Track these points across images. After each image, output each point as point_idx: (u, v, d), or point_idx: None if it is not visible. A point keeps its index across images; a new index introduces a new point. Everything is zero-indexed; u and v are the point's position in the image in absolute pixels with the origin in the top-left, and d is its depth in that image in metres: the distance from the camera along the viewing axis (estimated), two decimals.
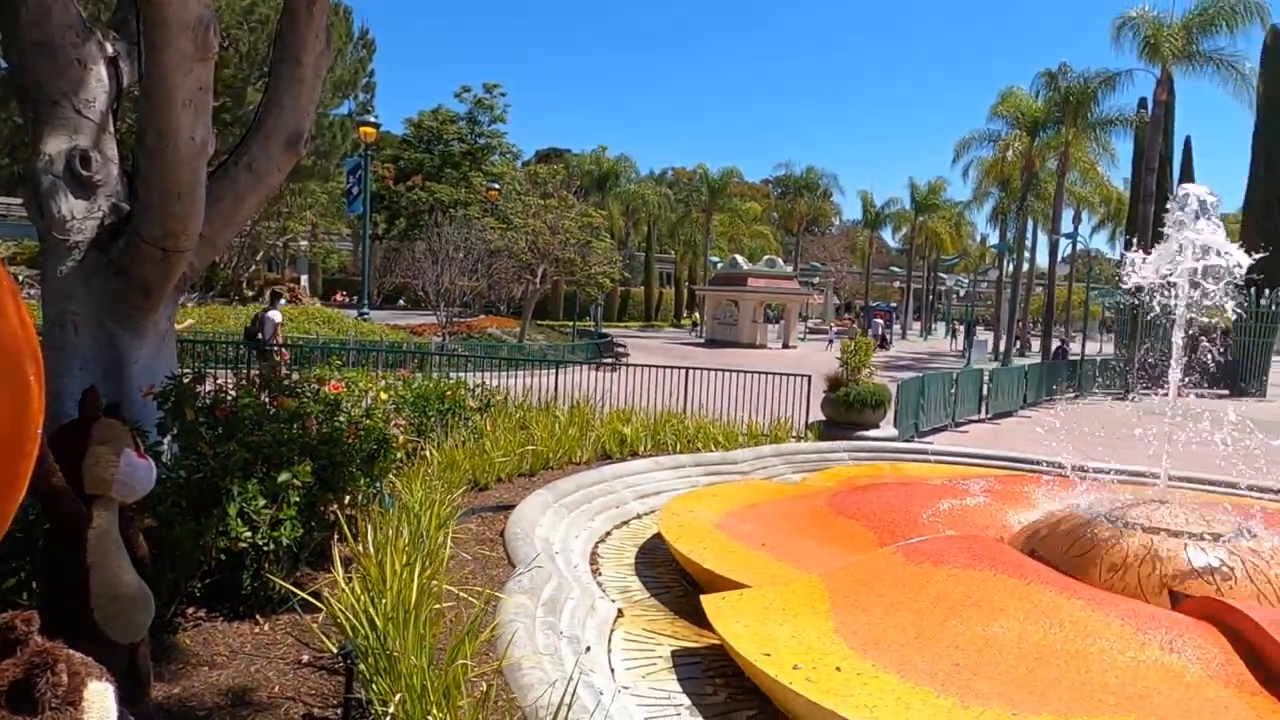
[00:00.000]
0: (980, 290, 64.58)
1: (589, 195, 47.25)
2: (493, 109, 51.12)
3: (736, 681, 4.01)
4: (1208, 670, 3.54)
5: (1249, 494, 6.44)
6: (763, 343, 39.98)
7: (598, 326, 40.81)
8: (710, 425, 10.00)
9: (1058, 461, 9.02)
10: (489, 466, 7.01)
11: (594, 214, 33.24)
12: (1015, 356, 35.41)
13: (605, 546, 6.21)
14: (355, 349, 15.57)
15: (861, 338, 12.35)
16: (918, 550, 4.65)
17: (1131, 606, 4.03)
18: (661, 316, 60.85)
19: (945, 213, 56.79)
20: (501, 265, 27.74)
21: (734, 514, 6.03)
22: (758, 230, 62.60)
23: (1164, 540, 4.67)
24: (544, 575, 4.56)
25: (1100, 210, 48.33)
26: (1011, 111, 33.64)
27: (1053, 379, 22.46)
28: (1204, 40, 25.57)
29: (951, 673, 3.56)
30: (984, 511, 6.01)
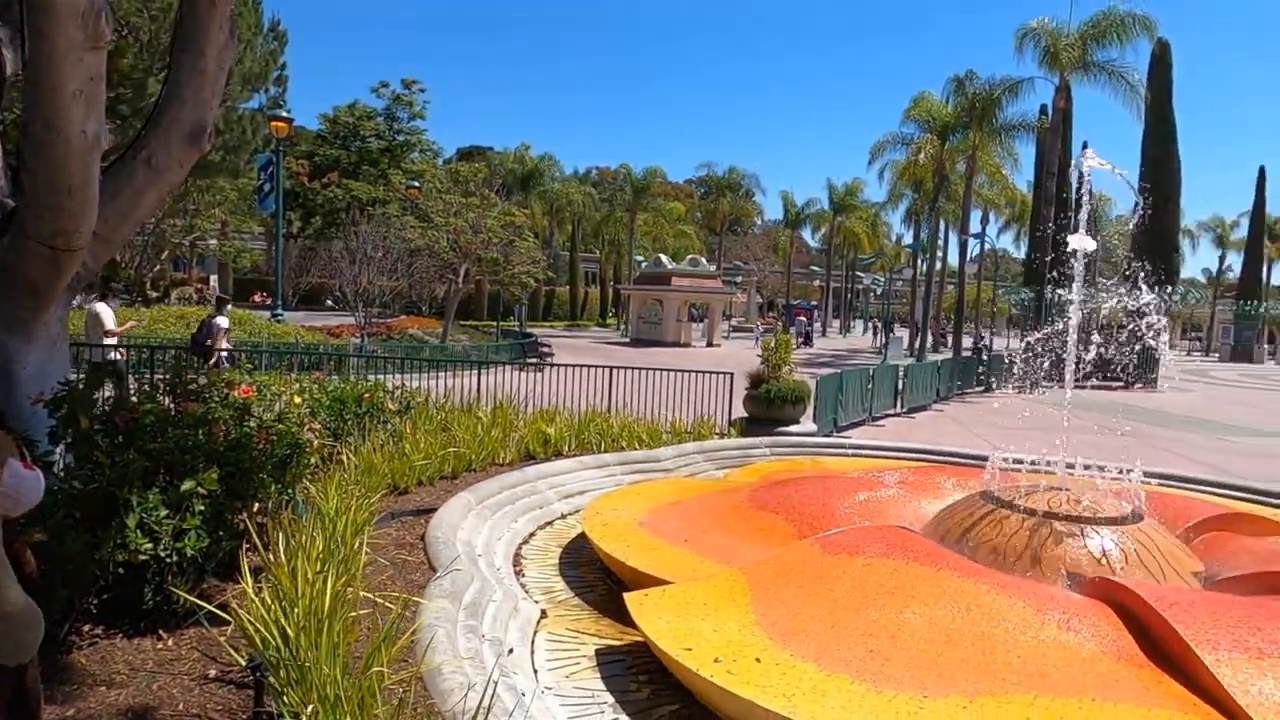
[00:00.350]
0: (896, 288, 66.73)
1: (512, 194, 46.78)
2: (412, 105, 50.02)
3: (660, 677, 4.04)
4: (1101, 646, 3.74)
5: (1139, 479, 6.83)
6: (687, 341, 40.34)
7: (522, 326, 40.45)
8: (635, 424, 10.04)
9: (966, 452, 9.40)
10: (409, 470, 6.88)
11: (517, 213, 32.94)
12: (930, 353, 36.70)
13: (529, 547, 6.16)
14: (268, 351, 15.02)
15: (782, 335, 12.60)
16: (835, 542, 4.77)
17: (1032, 589, 4.23)
18: (587, 316, 60.74)
19: (862, 213, 58.45)
20: (422, 265, 27.19)
21: (657, 511, 6.07)
22: (681, 230, 63.19)
23: (1061, 525, 4.92)
24: (466, 578, 4.50)
25: (1006, 212, 50.66)
26: (923, 116, 34.88)
27: (964, 374, 23.38)
28: (1098, 51, 27.05)
29: (866, 659, 3.67)
30: (898, 502, 6.22)
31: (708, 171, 65.66)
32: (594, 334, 48.34)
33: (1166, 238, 31.07)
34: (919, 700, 3.35)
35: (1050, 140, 29.19)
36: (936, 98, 34.68)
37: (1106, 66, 27.06)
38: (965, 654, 3.69)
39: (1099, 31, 26.69)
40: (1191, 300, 48.96)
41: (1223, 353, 55.07)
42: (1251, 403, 25.02)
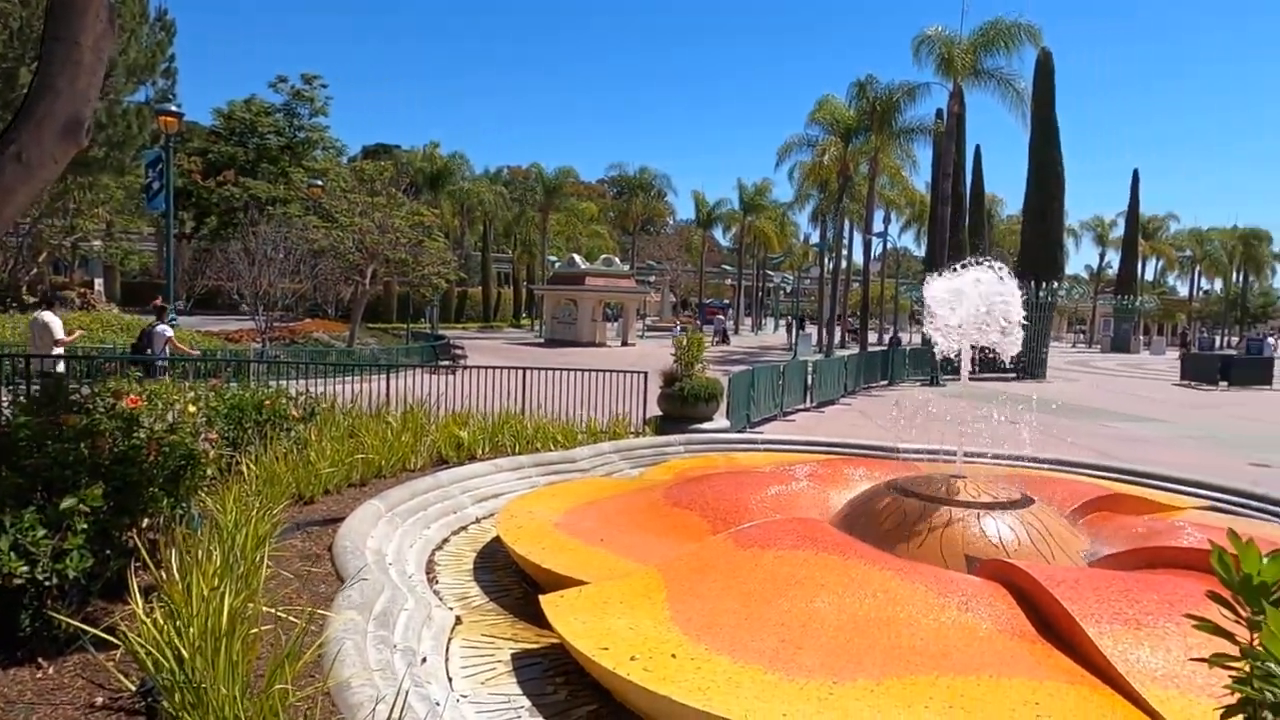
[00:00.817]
0: (805, 286, 68.45)
1: (421, 193, 45.74)
2: (313, 101, 48.33)
3: (578, 678, 4.03)
4: (997, 625, 3.94)
5: (1030, 465, 7.22)
6: (602, 341, 40.37)
7: (433, 328, 39.65)
8: (550, 425, 9.98)
9: (873, 444, 9.72)
10: (315, 478, 6.64)
11: (426, 213, 32.23)
12: (838, 349, 37.82)
13: (442, 554, 6.05)
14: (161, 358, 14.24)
15: (695, 334, 12.75)
16: (747, 535, 4.86)
17: (934, 573, 4.41)
18: (500, 317, 60.02)
19: (771, 213, 59.72)
20: (327, 266, 26.29)
21: (573, 512, 6.05)
22: (594, 230, 63.17)
23: (960, 511, 5.15)
24: (375, 588, 4.37)
25: (907, 211, 52.67)
26: (827, 118, 35.89)
27: (870, 369, 24.20)
28: (987, 59, 28.42)
29: (779, 649, 3.75)
30: (808, 495, 6.38)
31: (619, 171, 65.77)
32: (508, 335, 47.82)
33: (1052, 236, 32.87)
34: (829, 686, 3.44)
35: (946, 143, 30.50)
36: (840, 101, 35.76)
37: (996, 74, 28.47)
38: (873, 639, 3.82)
39: (988, 40, 28.04)
40: (1075, 295, 52.09)
41: (1104, 344, 58.78)
42: (1129, 391, 26.79)
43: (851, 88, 34.47)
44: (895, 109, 32.56)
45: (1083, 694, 3.44)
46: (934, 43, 28.57)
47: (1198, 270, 77.23)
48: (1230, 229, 72.51)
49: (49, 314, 11.59)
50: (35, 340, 11.40)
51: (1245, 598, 1.59)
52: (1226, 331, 73.50)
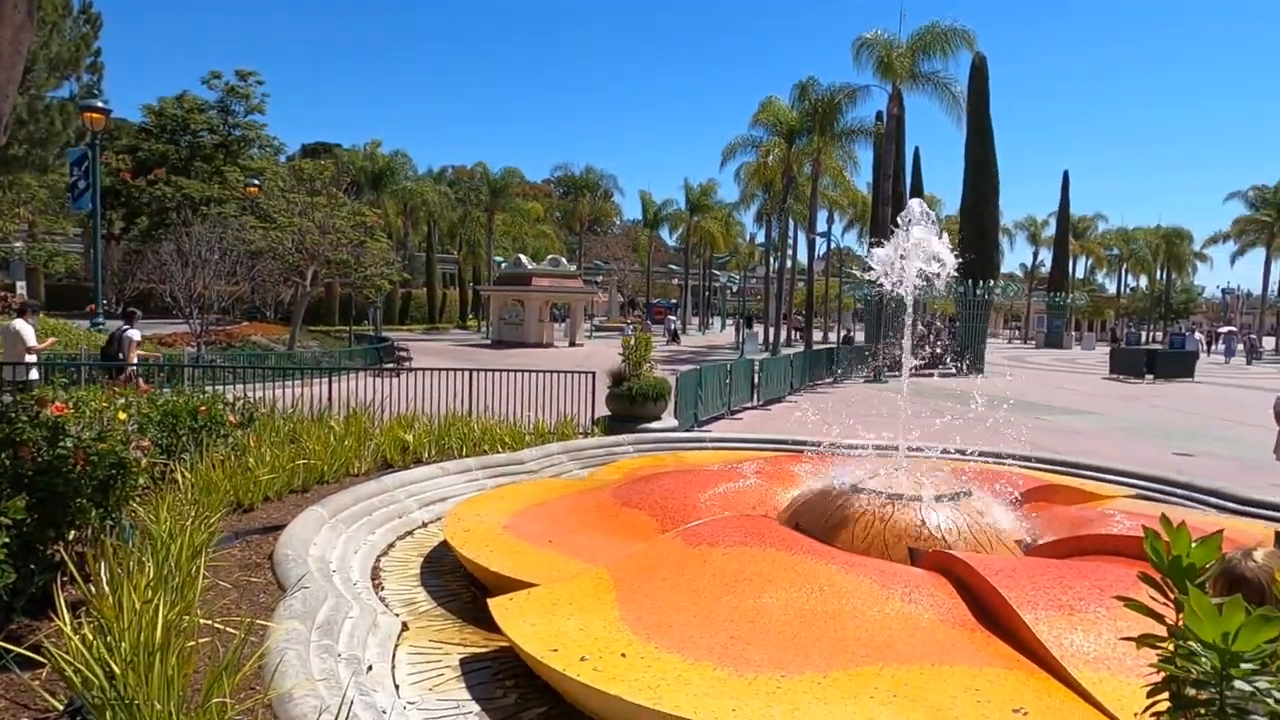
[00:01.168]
0: (751, 286, 69.13)
1: (363, 193, 44.85)
2: (248, 98, 46.87)
3: (528, 681, 4.00)
4: (938, 615, 4.03)
5: (969, 458, 7.42)
6: (550, 341, 40.17)
7: (377, 330, 38.90)
8: (497, 426, 9.89)
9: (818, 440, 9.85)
10: (254, 485, 6.46)
11: (368, 212, 31.64)
12: (784, 347, 38.30)
13: (388, 559, 5.94)
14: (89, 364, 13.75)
15: (642, 334, 12.78)
16: (696, 533, 4.89)
17: (878, 566, 4.50)
18: (446, 318, 59.27)
19: (717, 213, 60.18)
20: (265, 267, 25.59)
21: (521, 514, 6.01)
22: (541, 230, 62.82)
23: (902, 504, 5.26)
24: (319, 596, 4.27)
25: (849, 212, 53.66)
26: (771, 120, 36.32)
27: (815, 366, 24.56)
28: (925, 62, 29.12)
29: (728, 645, 3.78)
30: (756, 491, 6.44)
31: (565, 171, 65.61)
32: (454, 336, 47.24)
33: (988, 236, 33.82)
34: (777, 680, 3.48)
35: (886, 145, 31.16)
36: (783, 102, 36.22)
37: (933, 77, 29.19)
38: (819, 632, 3.88)
39: (925, 44, 28.74)
40: (1011, 292, 53.61)
41: (1038, 340, 60.77)
42: (1062, 385, 27.72)
43: (794, 89, 35.01)
44: (837, 111, 33.13)
45: (1020, 679, 3.55)
46: (873, 46, 29.16)
47: (1124, 268, 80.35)
48: (1154, 228, 75.59)
49: (21, 322, 11.46)
50: (8, 349, 11.27)
51: (1174, 580, 1.66)
52: (1151, 327, 76.60)
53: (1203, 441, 15.41)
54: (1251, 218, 62.96)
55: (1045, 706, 3.33)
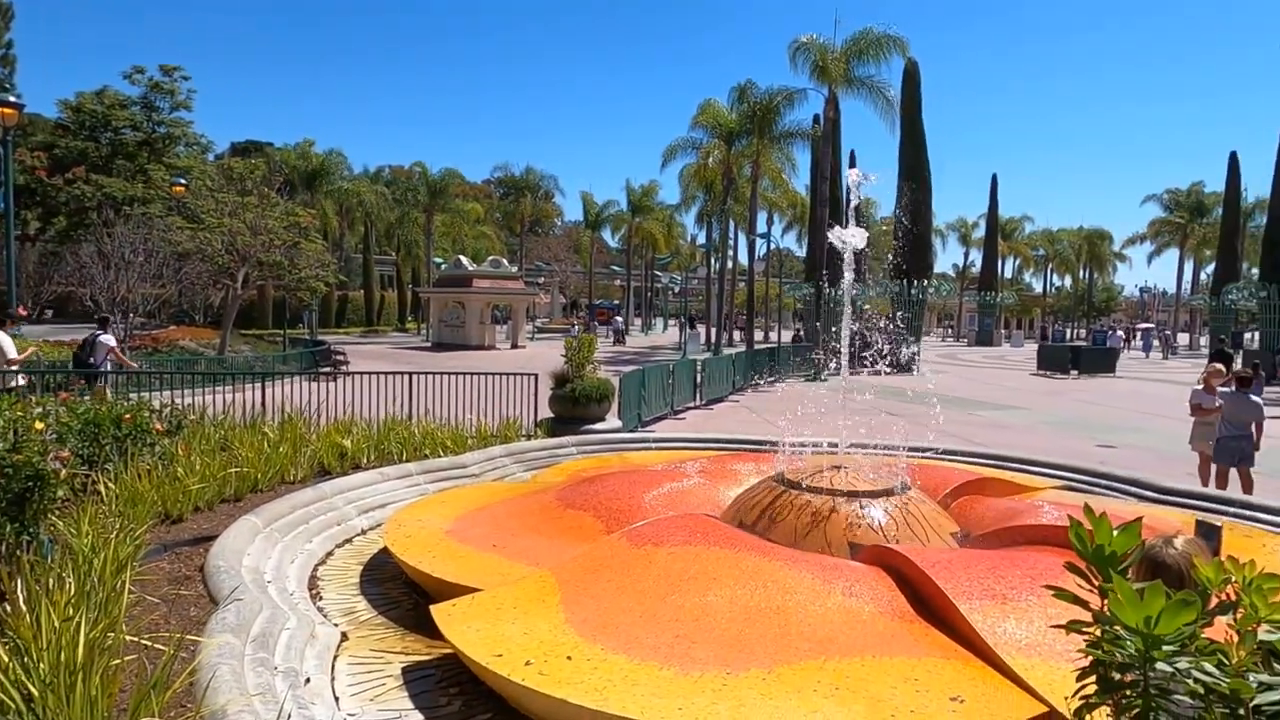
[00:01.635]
0: (692, 286, 69.64)
1: (296, 193, 43.72)
2: (174, 94, 45.18)
3: (472, 688, 3.95)
4: (878, 608, 4.11)
5: (906, 453, 7.59)
6: (491, 344, 39.79)
7: (313, 334, 37.96)
8: (438, 430, 9.75)
9: (760, 439, 9.97)
10: (183, 495, 6.24)
11: (302, 213, 30.87)
12: (725, 347, 38.67)
13: (326, 568, 5.79)
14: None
15: (585, 335, 12.75)
16: (641, 534, 4.89)
17: (819, 561, 4.57)
18: (385, 321, 58.19)
19: (658, 214, 60.48)
20: (194, 269, 24.77)
21: (464, 518, 5.93)
22: (481, 231, 62.22)
23: (842, 500, 5.36)
24: (253, 608, 4.14)
25: (789, 213, 54.49)
26: (710, 122, 36.66)
27: (757, 366, 24.85)
28: (859, 67, 29.75)
29: (673, 644, 3.79)
30: (700, 491, 6.48)
31: (505, 172, 65.07)
32: (393, 339, 46.41)
33: (922, 237, 34.73)
34: (723, 677, 3.51)
35: (823, 147, 31.74)
36: (722, 105, 36.59)
37: (867, 81, 29.86)
38: (763, 629, 3.92)
39: (860, 49, 29.37)
40: (944, 292, 55.14)
41: (970, 338, 62.67)
42: (992, 381, 28.64)
43: (732, 92, 35.41)
44: (775, 114, 33.62)
45: (957, 667, 3.64)
46: (809, 50, 29.66)
47: (1050, 268, 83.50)
48: (1077, 230, 78.76)
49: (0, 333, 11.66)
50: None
51: (1098, 567, 1.73)
52: (1076, 324, 79.72)
53: (1123, 434, 16.10)
54: (1166, 219, 66.11)
55: (981, 693, 3.42)
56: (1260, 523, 6.62)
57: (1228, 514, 6.91)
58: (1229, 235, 45.67)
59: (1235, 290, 38.19)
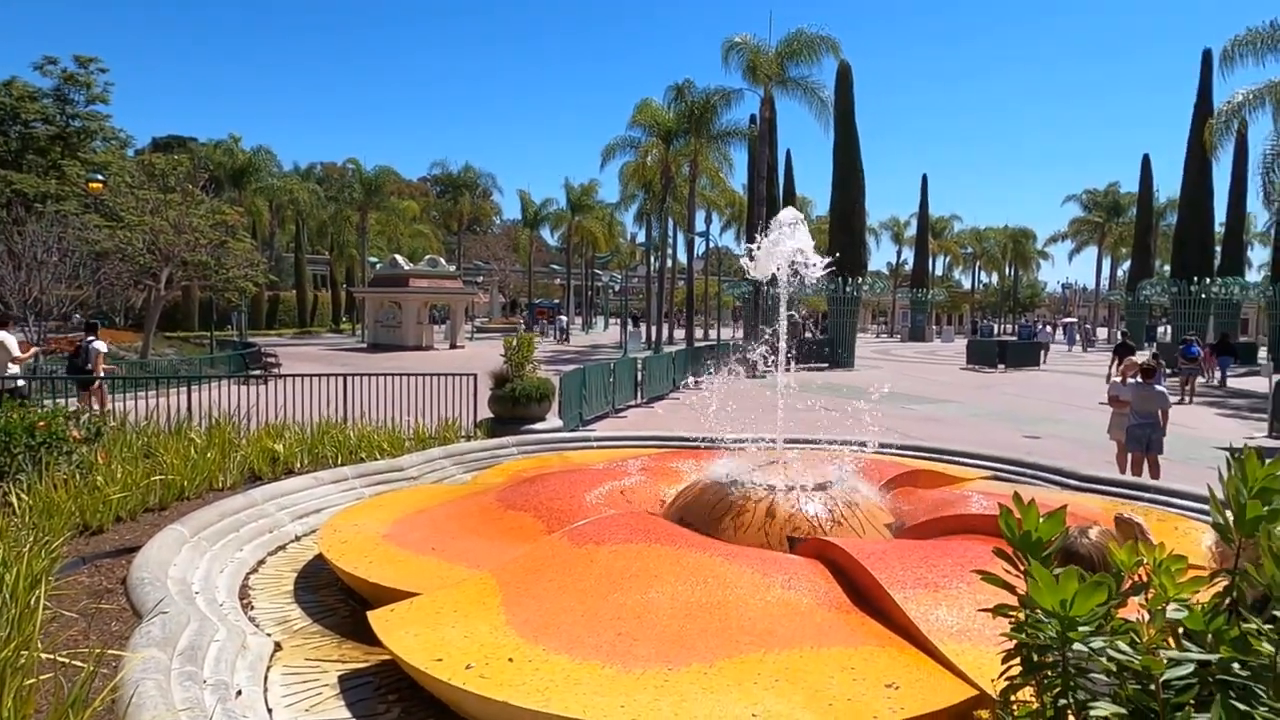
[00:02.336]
0: (632, 285, 69.73)
1: (222, 190, 42.31)
2: (89, 87, 43.12)
3: (412, 694, 3.89)
4: (816, 599, 4.19)
5: (842, 447, 7.76)
6: (429, 344, 39.18)
7: (242, 336, 36.84)
8: (375, 433, 9.56)
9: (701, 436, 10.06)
10: (104, 505, 5.99)
11: (229, 211, 29.88)
12: (666, 344, 38.84)
13: (258, 577, 5.63)
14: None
15: (524, 333, 12.66)
16: (582, 533, 4.88)
17: (759, 555, 4.63)
18: (318, 322, 56.75)
19: (598, 213, 60.39)
20: (113, 269, 23.73)
21: (402, 522, 5.83)
22: (417, 229, 61.19)
23: (781, 495, 5.45)
24: (179, 620, 4.00)
25: (727, 212, 54.98)
26: (648, 121, 36.76)
27: (697, 363, 25.03)
28: (793, 67, 30.20)
29: (615, 642, 3.79)
30: (641, 489, 6.50)
31: (442, 169, 64.13)
32: (327, 341, 45.30)
33: (856, 235, 35.46)
34: (665, 674, 3.53)
35: (760, 147, 32.13)
36: (660, 104, 36.72)
37: (801, 82, 30.34)
38: (705, 624, 3.95)
39: (793, 50, 29.82)
40: (878, 289, 56.40)
41: (903, 334, 64.30)
42: (924, 376, 29.44)
43: (669, 91, 35.55)
44: (712, 113, 33.92)
45: (892, 655, 3.74)
46: (742, 49, 29.98)
47: (978, 265, 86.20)
48: (1003, 228, 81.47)
49: (4, 333, 12.02)
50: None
51: (1025, 553, 1.80)
52: (1003, 320, 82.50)
53: (1048, 425, 16.74)
54: (1085, 219, 68.89)
55: (915, 679, 3.52)
56: (1172, 507, 6.96)
57: (1142, 499, 7.26)
58: (1143, 234, 47.86)
59: (1149, 286, 40.05)
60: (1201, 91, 34.12)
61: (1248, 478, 1.61)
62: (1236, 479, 1.63)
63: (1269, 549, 1.51)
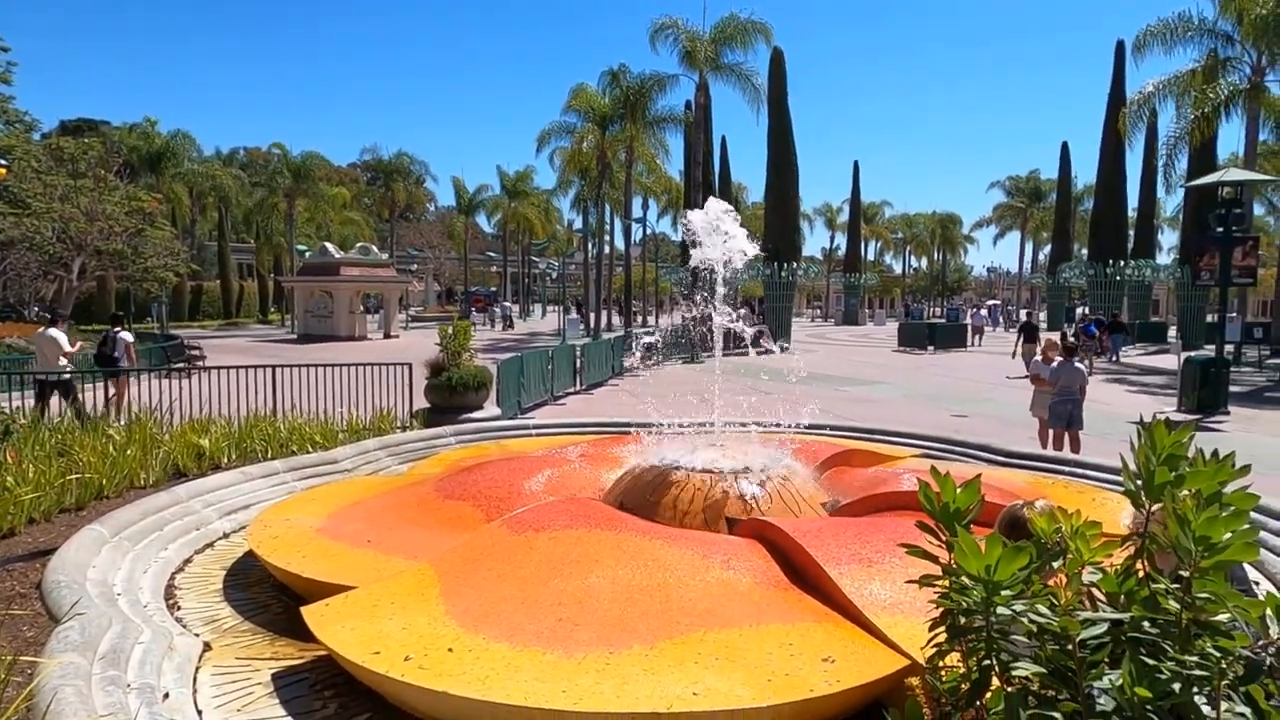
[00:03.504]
0: (570, 272, 69.43)
1: (138, 176, 40.49)
2: None
3: (349, 689, 3.82)
4: (754, 578, 4.26)
5: (779, 429, 7.88)
6: (362, 334, 38.33)
7: (163, 328, 35.38)
8: (306, 425, 9.32)
9: (641, 421, 10.11)
10: (15, 507, 5.71)
11: (146, 198, 28.64)
12: (605, 331, 38.82)
13: (185, 576, 5.44)
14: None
15: (460, 321, 12.48)
16: (521, 520, 4.86)
17: (699, 537, 4.68)
18: (245, 313, 54.91)
19: (535, 199, 59.81)
20: (19, 259, 22.53)
21: (336, 515, 5.70)
22: (348, 217, 59.65)
23: (719, 477, 5.51)
24: (100, 623, 3.84)
25: (664, 198, 55.13)
26: (584, 106, 36.51)
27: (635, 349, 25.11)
28: (727, 53, 30.36)
29: (556, 628, 3.79)
30: (581, 475, 6.50)
31: (373, 155, 62.58)
32: (255, 332, 43.89)
33: (790, 221, 35.95)
34: (606, 657, 3.54)
35: (695, 133, 32.26)
36: (595, 89, 36.49)
37: (735, 68, 30.53)
38: (646, 606, 3.98)
39: (727, 35, 29.97)
40: (812, 274, 57.39)
41: (837, 317, 65.58)
42: (858, 359, 30.11)
43: (604, 76, 35.34)
44: (647, 99, 33.87)
45: (828, 630, 3.83)
46: (674, 33, 29.98)
47: (908, 250, 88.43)
48: (931, 214, 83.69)
49: (55, 330, 12.72)
50: (43, 355, 12.57)
51: (944, 523, 1.86)
52: (932, 303, 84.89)
53: (974, 404, 17.32)
54: (1008, 204, 71.28)
55: (850, 652, 3.61)
56: (1091, 479, 7.29)
57: (1063, 473, 7.59)
58: (1062, 219, 49.77)
59: (1068, 269, 41.69)
60: (1116, 81, 35.55)
61: (1156, 446, 1.70)
62: (1146, 448, 1.71)
63: (1174, 511, 1.59)
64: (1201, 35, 25.21)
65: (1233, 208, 17.41)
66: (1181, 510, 1.56)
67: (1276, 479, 10.02)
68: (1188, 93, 25.30)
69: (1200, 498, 1.59)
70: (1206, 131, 25.34)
